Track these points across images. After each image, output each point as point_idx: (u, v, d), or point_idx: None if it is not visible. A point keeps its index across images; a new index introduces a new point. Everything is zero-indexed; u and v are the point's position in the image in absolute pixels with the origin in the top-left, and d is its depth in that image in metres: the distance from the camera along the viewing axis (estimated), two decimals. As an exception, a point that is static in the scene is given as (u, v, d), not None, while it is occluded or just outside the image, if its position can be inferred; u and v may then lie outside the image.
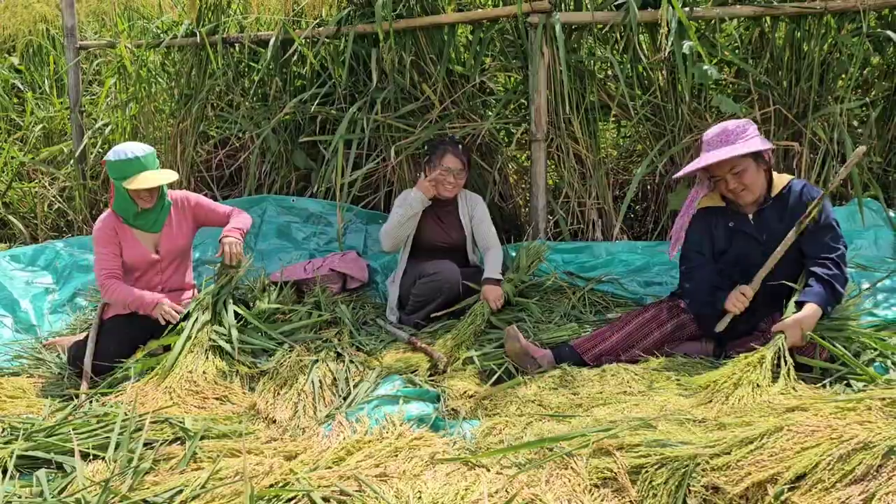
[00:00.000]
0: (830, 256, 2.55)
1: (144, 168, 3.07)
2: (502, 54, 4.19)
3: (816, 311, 2.44)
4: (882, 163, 4.01)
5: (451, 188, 3.52)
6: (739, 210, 2.77)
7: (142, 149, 3.08)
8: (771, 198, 2.72)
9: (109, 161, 3.06)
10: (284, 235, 4.33)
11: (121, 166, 3.03)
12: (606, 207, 4.03)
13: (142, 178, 3.03)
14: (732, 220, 2.77)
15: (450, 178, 3.48)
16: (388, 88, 4.07)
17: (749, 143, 2.62)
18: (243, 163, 4.68)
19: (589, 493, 1.87)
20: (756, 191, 2.69)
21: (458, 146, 3.52)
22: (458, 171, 3.49)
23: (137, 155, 3.04)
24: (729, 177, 2.67)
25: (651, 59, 3.89)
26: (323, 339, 3.09)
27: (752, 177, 2.66)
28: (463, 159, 3.50)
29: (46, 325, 3.72)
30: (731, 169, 2.65)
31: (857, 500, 1.62)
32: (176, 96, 4.92)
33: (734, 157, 2.61)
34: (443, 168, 3.46)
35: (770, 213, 2.71)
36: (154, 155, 3.14)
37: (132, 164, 3.03)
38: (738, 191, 2.68)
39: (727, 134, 2.65)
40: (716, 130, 2.69)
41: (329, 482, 1.93)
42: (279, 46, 4.32)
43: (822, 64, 3.76)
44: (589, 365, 2.71)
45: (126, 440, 2.23)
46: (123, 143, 3.14)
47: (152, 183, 3.04)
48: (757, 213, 2.73)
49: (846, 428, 1.80)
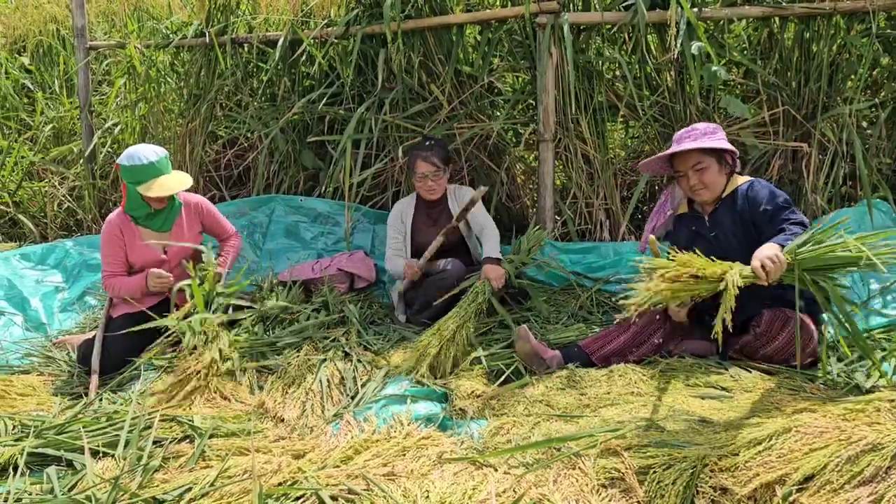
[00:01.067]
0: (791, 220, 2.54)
1: (159, 172, 3.11)
2: (510, 55, 4.19)
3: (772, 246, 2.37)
4: (891, 164, 3.99)
5: (432, 192, 3.54)
6: (698, 213, 2.86)
7: (155, 153, 3.11)
8: (722, 198, 2.79)
9: (123, 166, 3.09)
10: (292, 235, 4.35)
11: (135, 171, 3.07)
12: (614, 208, 4.03)
13: (158, 185, 3.08)
14: (694, 224, 2.87)
15: (427, 182, 3.50)
16: (396, 89, 4.07)
17: (716, 141, 2.71)
18: (252, 162, 4.70)
19: (597, 493, 1.87)
20: (714, 190, 2.77)
21: (428, 149, 3.51)
22: (434, 174, 3.51)
23: (152, 160, 3.08)
24: (690, 172, 2.75)
25: (659, 59, 3.89)
26: (331, 338, 3.09)
27: (712, 176, 2.74)
28: (435, 161, 3.50)
29: (56, 323, 3.74)
30: (693, 165, 2.74)
31: (865, 502, 1.61)
32: (185, 96, 4.95)
33: (697, 152, 2.71)
34: (418, 175, 3.51)
35: (722, 211, 2.78)
36: (167, 158, 3.17)
37: (147, 169, 3.08)
38: (698, 188, 2.76)
39: (696, 132, 2.76)
40: (685, 129, 2.80)
41: (337, 481, 1.94)
42: (288, 47, 4.33)
43: (831, 65, 3.75)
44: (597, 365, 2.71)
45: (135, 438, 2.24)
46: (135, 146, 3.16)
47: (170, 191, 3.09)
48: (712, 213, 2.82)
49: (855, 429, 1.80)
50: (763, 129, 3.81)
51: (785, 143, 3.79)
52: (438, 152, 3.54)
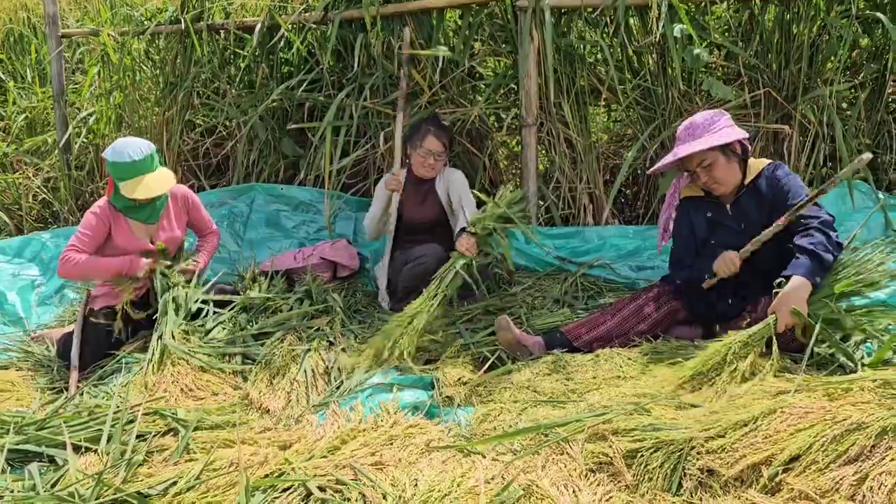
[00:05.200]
0: (812, 224, 2.48)
1: (143, 171, 3.03)
2: (492, 39, 4.15)
3: (803, 283, 2.36)
4: (871, 145, 4.02)
5: (431, 170, 3.50)
6: (718, 200, 2.77)
7: (140, 150, 3.02)
8: (745, 186, 2.72)
9: (108, 161, 3.02)
10: (273, 224, 4.30)
11: (119, 168, 3.01)
12: (597, 192, 4.02)
13: (142, 187, 3.01)
14: (711, 211, 2.78)
15: (430, 159, 3.46)
16: (376, 74, 4.03)
17: (716, 136, 2.63)
18: (231, 151, 4.64)
19: (585, 477, 1.87)
20: (729, 183, 2.70)
21: (441, 127, 3.48)
22: (439, 154, 3.47)
23: (135, 159, 3.00)
24: (699, 170, 2.69)
25: (641, 42, 3.87)
26: (315, 327, 3.07)
27: (721, 169, 2.67)
28: (444, 141, 3.47)
29: (34, 317, 3.68)
30: (699, 163, 2.67)
31: (850, 481, 1.63)
32: (161, 84, 4.86)
33: (699, 152, 2.63)
34: (423, 150, 3.45)
35: (747, 201, 2.70)
36: (153, 155, 3.09)
37: (130, 168, 3.01)
38: (710, 184, 2.70)
39: (694, 128, 2.68)
40: (684, 125, 2.72)
41: (324, 471, 1.93)
42: (265, 32, 4.26)
43: (812, 46, 3.75)
44: (581, 351, 2.71)
45: (118, 432, 2.21)
46: (124, 139, 3.07)
47: (152, 193, 3.03)
48: (734, 202, 2.74)
49: (839, 409, 1.81)
50: (744, 112, 3.81)
51: (766, 124, 3.80)
52: (447, 133, 3.53)
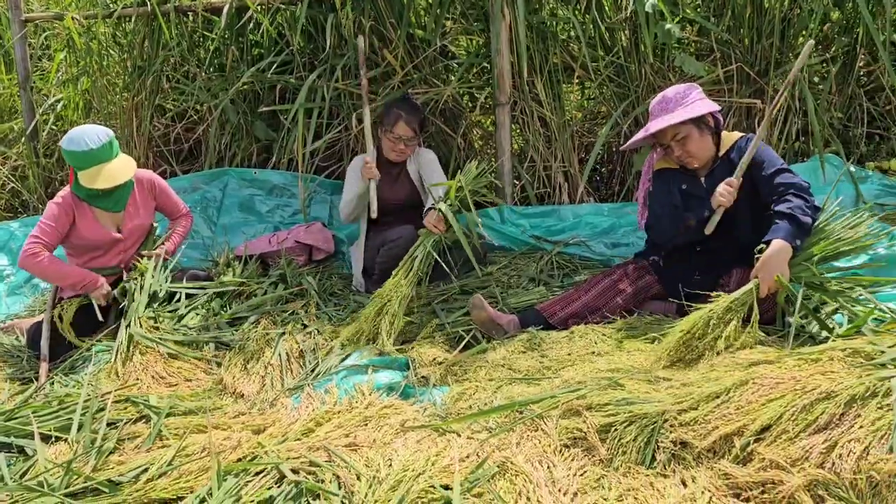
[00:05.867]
0: (788, 190, 2.50)
1: (101, 160, 2.94)
2: (463, 17, 4.11)
3: (784, 247, 2.36)
4: (843, 118, 4.05)
5: (401, 155, 3.48)
6: (692, 173, 2.78)
7: (98, 137, 2.93)
8: (719, 159, 2.73)
9: (64, 149, 2.93)
10: (247, 209, 4.25)
11: (76, 157, 2.92)
12: (572, 170, 4.01)
13: (102, 177, 2.92)
14: (686, 183, 2.78)
15: (400, 145, 3.43)
16: (347, 55, 3.97)
17: (689, 108, 2.63)
18: (202, 135, 4.56)
19: (559, 453, 1.88)
20: (702, 156, 2.70)
21: (411, 112, 3.43)
22: (409, 139, 3.43)
23: (92, 147, 2.90)
24: (673, 144, 2.68)
25: (613, 19, 3.85)
26: (289, 311, 3.04)
27: (695, 143, 2.67)
28: (415, 127, 3.43)
29: (4, 307, 3.62)
30: (673, 137, 2.67)
31: (819, 449, 1.64)
32: (129, 69, 4.76)
33: (672, 126, 2.63)
34: (393, 135, 3.41)
35: (720, 173, 2.70)
36: (111, 142, 2.99)
37: (87, 156, 2.91)
38: (684, 158, 2.70)
39: (666, 102, 2.68)
40: (657, 99, 2.72)
41: (298, 454, 1.91)
42: (234, 14, 4.19)
43: (783, 20, 3.76)
44: (556, 328, 2.71)
45: (88, 421, 2.18)
46: (80, 127, 2.98)
47: (112, 182, 2.95)
48: (708, 175, 2.74)
49: (809, 379, 1.82)
50: (717, 87, 3.82)
51: (739, 99, 3.80)
52: (419, 117, 3.47)
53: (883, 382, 1.75)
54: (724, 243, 2.66)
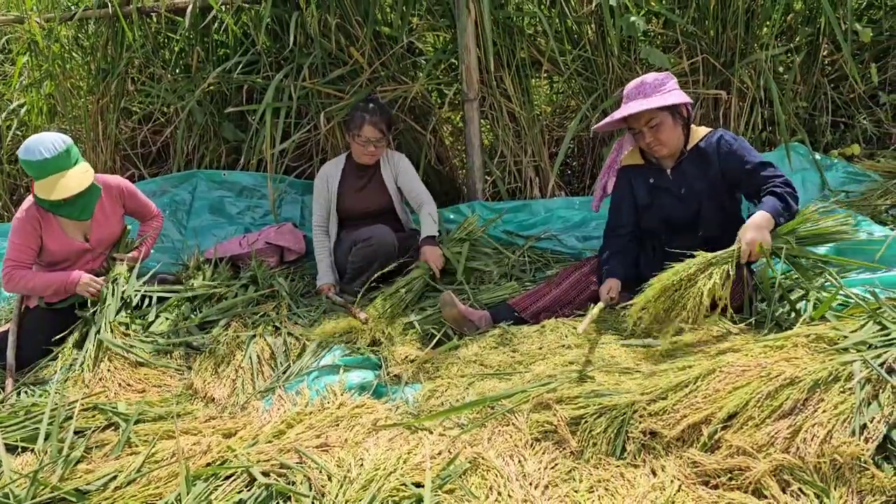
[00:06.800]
0: (776, 182, 2.52)
1: (57, 169, 2.85)
2: (429, 13, 4.09)
3: (767, 217, 2.39)
4: (808, 107, 4.10)
5: (372, 157, 3.47)
6: (659, 166, 2.79)
7: (53, 146, 2.83)
8: (687, 151, 2.73)
9: (21, 159, 2.85)
10: (217, 211, 4.20)
11: (31, 167, 2.83)
12: (543, 165, 4.02)
13: (60, 187, 2.83)
14: (653, 177, 2.79)
15: (369, 147, 3.41)
16: (314, 53, 3.95)
17: (666, 96, 2.63)
18: (170, 138, 4.51)
19: (530, 447, 1.88)
20: (672, 145, 2.70)
21: (377, 112, 3.41)
22: (378, 140, 3.42)
23: (46, 157, 2.81)
24: (645, 130, 2.67)
25: (579, 12, 3.87)
26: (259, 313, 3.01)
27: (667, 131, 2.66)
28: (382, 127, 3.41)
29: (-31, 317, 3.55)
30: (647, 122, 2.66)
31: (784, 434, 1.66)
32: (93, 72, 4.68)
33: (649, 111, 2.62)
34: (361, 139, 3.40)
35: (687, 165, 2.71)
36: (68, 150, 2.88)
37: (42, 166, 2.82)
38: (653, 145, 2.69)
39: (644, 87, 2.66)
40: (634, 83, 2.70)
41: (269, 457, 1.90)
42: (198, 14, 4.13)
43: (747, 11, 3.79)
44: (528, 322, 2.72)
45: (55, 430, 2.15)
46: (37, 135, 2.88)
47: (69, 192, 2.85)
48: (675, 167, 2.75)
49: (774, 365, 1.84)
50: (683, 79, 3.84)
51: (705, 91, 3.84)
52: (385, 117, 3.45)
53: (845, 367, 1.78)
54: (691, 240, 2.67)
